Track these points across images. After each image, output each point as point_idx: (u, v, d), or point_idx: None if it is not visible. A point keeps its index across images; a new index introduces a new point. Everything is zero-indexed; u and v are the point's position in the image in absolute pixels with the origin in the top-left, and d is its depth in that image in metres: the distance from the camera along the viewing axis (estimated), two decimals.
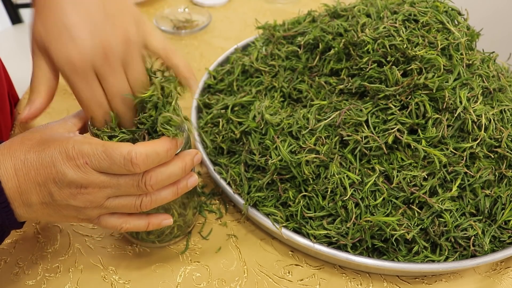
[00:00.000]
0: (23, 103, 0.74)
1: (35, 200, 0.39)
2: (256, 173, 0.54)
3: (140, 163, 0.37)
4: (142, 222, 0.43)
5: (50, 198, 0.38)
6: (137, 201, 0.41)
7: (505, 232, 0.50)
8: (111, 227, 0.43)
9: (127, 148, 0.37)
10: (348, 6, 0.64)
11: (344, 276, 0.52)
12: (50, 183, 0.38)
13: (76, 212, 0.40)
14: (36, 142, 0.39)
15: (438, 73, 0.51)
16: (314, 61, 0.61)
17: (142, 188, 0.39)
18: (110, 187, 0.39)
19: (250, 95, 0.61)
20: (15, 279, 0.49)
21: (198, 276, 0.51)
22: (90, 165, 0.37)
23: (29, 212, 0.39)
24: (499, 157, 0.51)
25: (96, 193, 0.39)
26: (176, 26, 0.97)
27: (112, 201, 0.40)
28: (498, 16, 1.61)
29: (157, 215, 0.45)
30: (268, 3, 1.10)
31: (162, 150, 0.39)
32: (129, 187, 0.39)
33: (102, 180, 0.38)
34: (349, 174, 0.49)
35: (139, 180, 0.39)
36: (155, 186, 0.40)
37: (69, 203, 0.39)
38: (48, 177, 0.38)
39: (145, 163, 0.37)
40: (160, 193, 0.42)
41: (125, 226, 0.43)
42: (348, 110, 0.52)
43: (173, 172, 0.41)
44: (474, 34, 0.57)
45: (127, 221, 0.43)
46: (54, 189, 0.38)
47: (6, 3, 1.41)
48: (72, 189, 0.38)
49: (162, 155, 0.39)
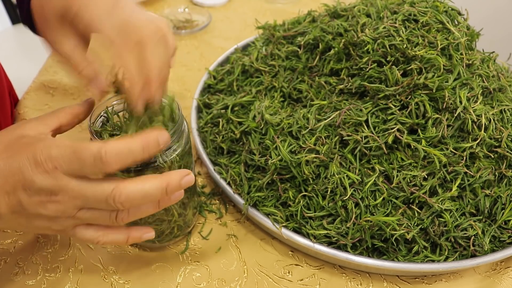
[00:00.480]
0: (23, 103, 0.74)
1: (4, 210, 0.36)
2: (256, 173, 0.54)
3: (111, 160, 0.34)
4: (121, 236, 0.40)
5: (20, 207, 0.36)
6: (112, 214, 0.38)
7: (505, 232, 0.50)
8: (86, 240, 0.40)
9: (97, 146, 0.34)
10: (348, 6, 0.64)
11: (344, 276, 0.52)
12: (19, 191, 0.35)
13: (48, 223, 0.38)
14: (3, 147, 0.37)
15: (438, 73, 0.51)
16: (314, 61, 0.61)
17: (110, 204, 0.36)
18: (81, 197, 0.36)
19: (250, 95, 0.61)
20: (15, 279, 0.49)
21: (198, 276, 0.51)
22: (60, 169, 0.35)
23: (0, 222, 0.37)
24: (499, 157, 0.51)
25: (66, 202, 0.36)
26: (176, 26, 0.97)
27: (84, 213, 0.37)
28: (498, 16, 1.61)
29: (138, 228, 0.41)
30: (268, 3, 1.10)
31: (136, 147, 0.35)
32: (98, 202, 0.36)
33: (72, 187, 0.35)
34: (349, 174, 0.49)
35: (108, 196, 0.35)
36: (126, 204, 0.36)
37: (40, 212, 0.36)
38: (17, 185, 0.35)
39: (116, 161, 0.34)
40: (139, 208, 0.39)
41: (102, 240, 0.39)
42: (348, 110, 0.52)
43: (150, 192, 0.36)
44: (474, 34, 0.57)
45: (105, 235, 0.39)
46: (23, 197, 0.35)
47: (6, 3, 1.41)
48: (42, 196, 0.36)
49: (137, 153, 0.35)
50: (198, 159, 0.63)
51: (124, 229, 0.41)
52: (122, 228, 0.41)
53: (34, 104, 0.74)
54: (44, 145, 0.35)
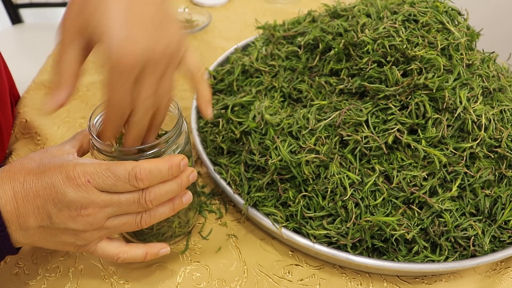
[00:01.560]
0: (23, 103, 0.74)
1: (32, 223, 0.38)
2: (256, 173, 0.54)
3: (144, 178, 0.38)
4: (140, 252, 0.44)
5: (48, 221, 0.38)
6: (137, 218, 0.41)
7: (505, 232, 0.50)
8: (107, 257, 0.43)
9: (132, 164, 0.38)
10: (348, 6, 0.64)
11: (344, 276, 0.52)
12: (49, 205, 0.37)
13: (74, 237, 0.40)
14: (36, 165, 0.39)
15: (438, 73, 0.51)
16: (314, 61, 0.61)
17: (142, 204, 0.40)
18: (111, 206, 0.39)
19: (250, 95, 0.61)
20: (15, 279, 0.49)
21: (198, 276, 0.51)
22: (92, 183, 0.37)
23: (25, 236, 0.39)
24: (499, 157, 0.51)
25: (96, 213, 0.39)
26: None
27: (112, 221, 0.40)
28: (498, 16, 1.61)
29: (154, 245, 0.45)
30: (268, 3, 1.10)
31: (165, 168, 0.40)
32: (130, 204, 0.40)
33: (103, 199, 0.38)
34: (349, 174, 0.49)
35: (140, 196, 0.39)
36: (154, 201, 0.40)
37: (68, 226, 0.39)
38: (48, 199, 0.37)
39: (149, 178, 0.39)
40: (158, 209, 0.42)
41: (122, 256, 0.43)
42: (348, 110, 0.52)
43: (170, 188, 0.41)
44: (474, 34, 0.57)
45: (125, 251, 0.43)
46: (53, 211, 0.38)
47: (6, 3, 1.41)
48: (72, 210, 0.38)
49: (164, 173, 0.40)
50: (198, 159, 0.63)
51: (143, 246, 0.45)
52: (140, 245, 0.45)
53: (34, 103, 0.74)
54: (76, 163, 0.38)
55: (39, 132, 0.68)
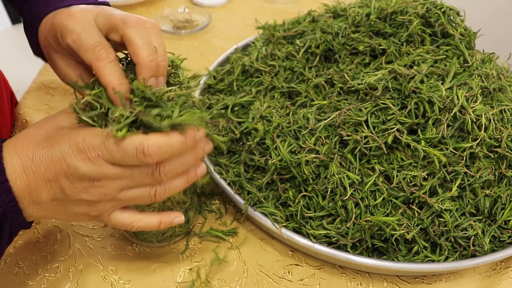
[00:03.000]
0: (23, 103, 0.74)
1: (45, 197, 0.38)
2: (256, 173, 0.54)
3: (153, 153, 0.36)
4: (154, 220, 0.43)
5: (61, 194, 0.38)
6: (151, 191, 0.40)
7: (505, 232, 0.50)
8: (121, 225, 0.42)
9: (139, 139, 0.36)
10: (348, 6, 0.64)
11: (344, 276, 0.52)
12: (62, 178, 0.37)
13: (88, 208, 0.40)
14: (43, 138, 0.38)
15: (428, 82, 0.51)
16: (314, 62, 0.61)
17: (156, 177, 0.39)
18: (124, 178, 0.38)
19: (250, 95, 0.61)
20: (15, 279, 0.49)
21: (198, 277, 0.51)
22: (102, 157, 0.36)
23: (38, 210, 0.39)
24: (499, 157, 0.51)
25: (109, 185, 0.38)
26: (176, 26, 0.97)
27: (126, 193, 0.39)
28: (498, 16, 1.61)
29: (168, 213, 0.44)
30: (268, 3, 1.10)
31: (177, 142, 0.38)
32: (143, 177, 0.39)
33: (115, 172, 0.37)
34: (349, 174, 0.49)
35: (154, 169, 0.38)
36: (169, 174, 0.39)
37: (81, 198, 0.38)
38: (59, 172, 0.37)
39: (158, 154, 0.37)
40: (173, 182, 0.41)
41: (136, 225, 0.42)
42: (348, 110, 0.52)
43: (185, 160, 0.40)
44: (471, 34, 0.57)
45: (139, 220, 0.42)
46: (65, 184, 0.37)
47: (6, 3, 1.41)
48: (85, 182, 0.37)
49: (176, 147, 0.38)
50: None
51: (156, 214, 0.43)
52: (154, 213, 0.44)
53: (34, 104, 0.74)
54: (85, 134, 0.37)
55: None
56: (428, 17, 0.57)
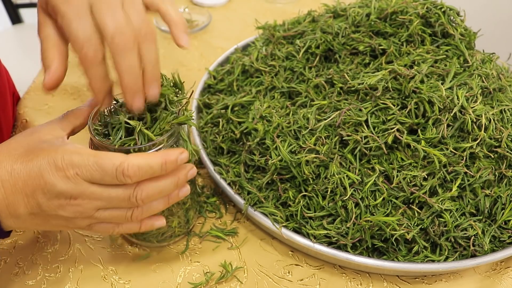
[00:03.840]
0: (23, 103, 0.74)
1: (23, 211, 0.38)
2: (256, 173, 0.54)
3: (132, 174, 0.36)
4: (134, 225, 0.42)
5: (38, 209, 0.38)
6: (128, 212, 0.40)
7: (505, 232, 0.50)
8: (102, 232, 0.42)
9: (119, 159, 0.36)
10: (348, 6, 0.64)
11: (344, 276, 0.52)
12: (39, 194, 0.37)
13: (65, 222, 0.40)
14: (23, 151, 0.38)
15: (429, 81, 0.51)
16: (314, 62, 0.61)
17: (133, 202, 0.39)
18: (101, 199, 0.38)
19: (250, 95, 0.61)
20: (15, 279, 0.49)
21: (198, 277, 0.51)
22: (81, 175, 0.36)
23: (17, 222, 0.39)
24: (499, 157, 0.51)
25: (85, 204, 0.38)
26: None
27: (102, 213, 0.39)
28: (498, 16, 1.61)
29: (149, 217, 0.43)
30: (268, 3, 1.10)
31: (156, 164, 0.37)
32: (120, 201, 0.38)
33: (93, 191, 0.37)
34: (349, 174, 0.49)
35: (130, 194, 0.38)
36: (146, 200, 0.39)
37: (58, 214, 0.38)
38: (37, 188, 0.36)
39: (137, 175, 0.37)
40: (151, 205, 0.41)
41: (116, 229, 0.42)
42: (348, 110, 0.52)
43: (165, 187, 0.40)
44: (471, 34, 0.57)
45: (119, 226, 0.42)
46: (42, 200, 0.37)
47: (6, 3, 1.41)
48: (61, 200, 0.37)
49: (156, 169, 0.38)
50: (198, 159, 0.63)
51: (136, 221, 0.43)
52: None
53: (34, 104, 0.74)
54: (65, 151, 0.37)
55: None
56: (428, 17, 0.57)
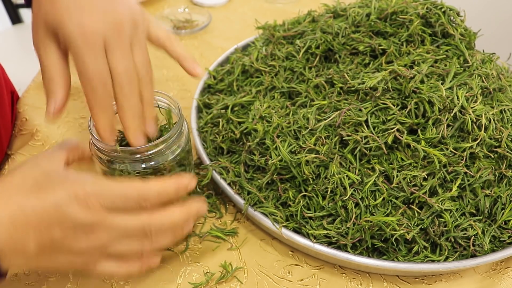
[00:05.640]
0: (23, 101, 0.74)
1: (32, 247, 0.35)
2: (256, 173, 0.54)
3: (153, 199, 0.39)
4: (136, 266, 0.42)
5: (50, 243, 0.36)
6: (139, 245, 0.40)
7: (505, 232, 0.50)
8: (107, 274, 0.41)
9: (142, 187, 0.38)
10: (348, 6, 0.64)
11: (344, 276, 0.52)
12: (54, 228, 0.35)
13: (73, 257, 0.38)
14: (33, 185, 0.36)
15: (429, 81, 0.51)
16: (314, 62, 0.61)
17: (146, 232, 0.39)
18: (117, 230, 0.38)
19: (250, 95, 0.61)
20: (15, 279, 0.49)
21: (198, 277, 0.51)
22: (103, 204, 0.36)
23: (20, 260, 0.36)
24: (499, 157, 0.51)
25: (101, 234, 0.37)
26: (176, 26, 0.97)
27: (116, 245, 0.39)
28: (498, 16, 1.61)
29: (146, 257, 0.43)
30: (268, 3, 1.10)
31: (172, 189, 0.40)
32: (134, 230, 0.39)
33: (111, 221, 0.37)
34: (349, 174, 0.49)
35: (145, 224, 0.39)
36: (158, 231, 0.40)
37: (71, 247, 0.36)
38: (53, 222, 0.35)
39: (156, 199, 0.39)
40: (160, 238, 0.41)
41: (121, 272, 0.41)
42: (348, 110, 0.52)
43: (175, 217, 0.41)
44: (471, 34, 0.57)
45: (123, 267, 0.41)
46: (57, 234, 0.35)
47: (6, 3, 1.41)
48: (78, 232, 0.36)
49: (171, 193, 0.40)
50: (198, 159, 0.63)
51: (138, 260, 0.42)
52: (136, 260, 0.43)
53: (33, 102, 0.74)
54: (84, 182, 0.37)
55: (40, 130, 0.68)
56: (429, 17, 0.57)
